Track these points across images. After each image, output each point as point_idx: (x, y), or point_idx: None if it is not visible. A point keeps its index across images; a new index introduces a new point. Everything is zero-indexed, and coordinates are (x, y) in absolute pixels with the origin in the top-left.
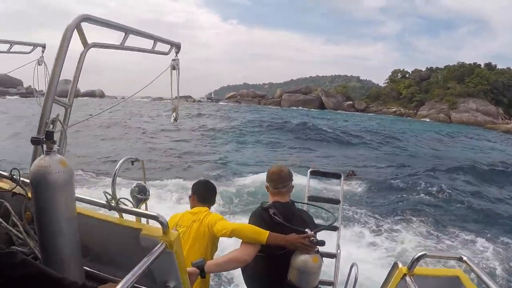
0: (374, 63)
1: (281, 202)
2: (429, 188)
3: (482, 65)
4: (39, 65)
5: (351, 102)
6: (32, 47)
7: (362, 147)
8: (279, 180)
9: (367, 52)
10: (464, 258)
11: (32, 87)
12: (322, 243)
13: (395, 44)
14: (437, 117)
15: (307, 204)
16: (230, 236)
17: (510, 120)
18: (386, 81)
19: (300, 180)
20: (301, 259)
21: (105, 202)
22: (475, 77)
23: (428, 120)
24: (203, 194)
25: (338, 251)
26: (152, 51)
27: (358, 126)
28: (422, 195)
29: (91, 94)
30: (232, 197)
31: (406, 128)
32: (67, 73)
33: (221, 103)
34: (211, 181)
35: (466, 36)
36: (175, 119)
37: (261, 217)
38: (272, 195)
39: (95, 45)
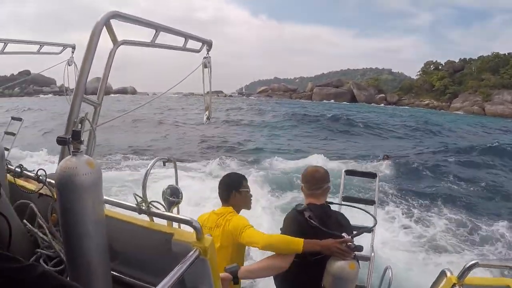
0: (406, 56)
1: (316, 205)
2: (461, 176)
3: None
4: (68, 65)
5: (383, 95)
6: (62, 47)
7: (395, 138)
8: (314, 182)
9: (399, 44)
10: None
11: (64, 86)
12: (360, 248)
13: (427, 36)
14: (470, 110)
15: (342, 205)
16: (262, 249)
17: None
18: (418, 73)
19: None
20: (338, 265)
21: (135, 205)
22: (510, 68)
23: (461, 112)
24: (219, 192)
25: (372, 254)
26: (183, 49)
27: (391, 119)
28: (454, 184)
29: (122, 91)
30: (264, 181)
31: (440, 120)
32: (98, 71)
33: (252, 97)
34: (239, 170)
35: (500, 26)
36: (208, 118)
37: (296, 221)
38: (307, 197)
39: (125, 42)
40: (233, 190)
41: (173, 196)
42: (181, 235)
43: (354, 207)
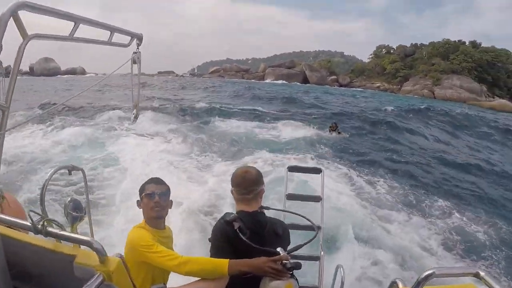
0: (358, 39)
1: (248, 212)
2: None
3: (467, 43)
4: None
5: (335, 77)
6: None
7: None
8: (244, 185)
9: (352, 28)
10: (482, 274)
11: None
12: (297, 266)
13: (379, 20)
14: (421, 93)
15: (280, 210)
16: (184, 275)
17: (494, 98)
18: (370, 57)
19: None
20: (271, 286)
21: (29, 224)
22: (460, 54)
23: (412, 95)
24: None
25: (322, 253)
26: (108, 43)
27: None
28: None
29: (71, 71)
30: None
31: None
32: (47, 50)
33: (204, 77)
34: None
35: (451, 13)
36: (136, 117)
37: (225, 233)
38: (237, 202)
39: (38, 36)
40: (139, 199)
41: (76, 211)
42: (84, 257)
43: (294, 213)
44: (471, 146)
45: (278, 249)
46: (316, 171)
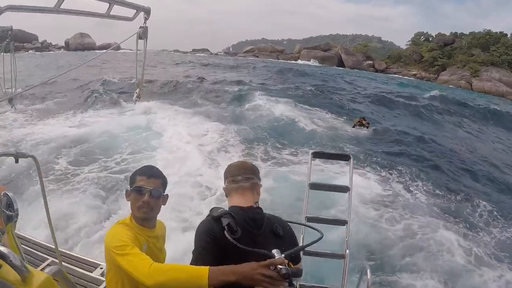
0: (397, 25)
1: (241, 208)
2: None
3: (509, 35)
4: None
5: (371, 62)
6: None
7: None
8: (241, 171)
9: (390, 13)
10: None
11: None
12: (296, 273)
13: (419, 6)
14: (458, 83)
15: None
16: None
17: None
18: (408, 43)
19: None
20: None
21: None
22: (501, 46)
23: (448, 86)
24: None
25: (347, 251)
26: (108, 16)
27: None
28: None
29: (106, 47)
30: None
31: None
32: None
33: (238, 56)
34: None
35: (493, 4)
36: (138, 97)
37: (209, 232)
38: (231, 195)
39: (11, 8)
40: (128, 189)
41: (9, 209)
42: (7, 270)
43: (302, 224)
44: None
45: (274, 251)
46: (344, 158)
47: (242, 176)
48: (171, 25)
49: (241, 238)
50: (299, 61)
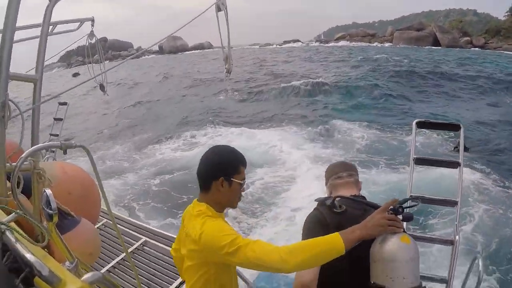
0: None
1: (346, 196)
2: None
3: None
4: (90, 41)
5: (468, 38)
6: (79, 23)
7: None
8: (345, 168)
9: None
10: None
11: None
12: (409, 217)
13: None
14: None
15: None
16: (291, 271)
17: None
18: (506, 14)
19: None
20: (388, 245)
21: None
22: None
23: None
24: (198, 174)
25: (457, 237)
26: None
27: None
28: None
29: (199, 47)
30: None
31: None
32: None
33: (331, 43)
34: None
35: None
36: (228, 71)
37: (315, 216)
38: (335, 190)
39: None
40: (220, 177)
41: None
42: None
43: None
44: None
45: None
46: (454, 127)
47: (347, 172)
48: (259, 19)
49: (343, 214)
50: (386, 45)
